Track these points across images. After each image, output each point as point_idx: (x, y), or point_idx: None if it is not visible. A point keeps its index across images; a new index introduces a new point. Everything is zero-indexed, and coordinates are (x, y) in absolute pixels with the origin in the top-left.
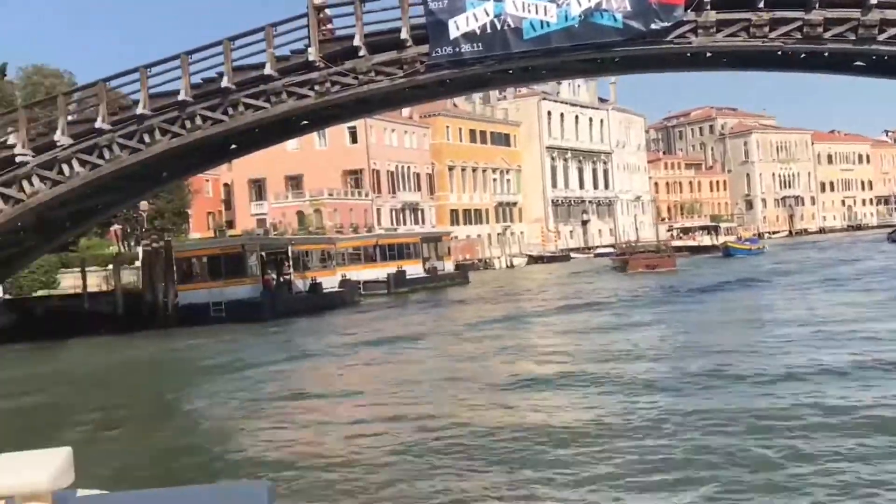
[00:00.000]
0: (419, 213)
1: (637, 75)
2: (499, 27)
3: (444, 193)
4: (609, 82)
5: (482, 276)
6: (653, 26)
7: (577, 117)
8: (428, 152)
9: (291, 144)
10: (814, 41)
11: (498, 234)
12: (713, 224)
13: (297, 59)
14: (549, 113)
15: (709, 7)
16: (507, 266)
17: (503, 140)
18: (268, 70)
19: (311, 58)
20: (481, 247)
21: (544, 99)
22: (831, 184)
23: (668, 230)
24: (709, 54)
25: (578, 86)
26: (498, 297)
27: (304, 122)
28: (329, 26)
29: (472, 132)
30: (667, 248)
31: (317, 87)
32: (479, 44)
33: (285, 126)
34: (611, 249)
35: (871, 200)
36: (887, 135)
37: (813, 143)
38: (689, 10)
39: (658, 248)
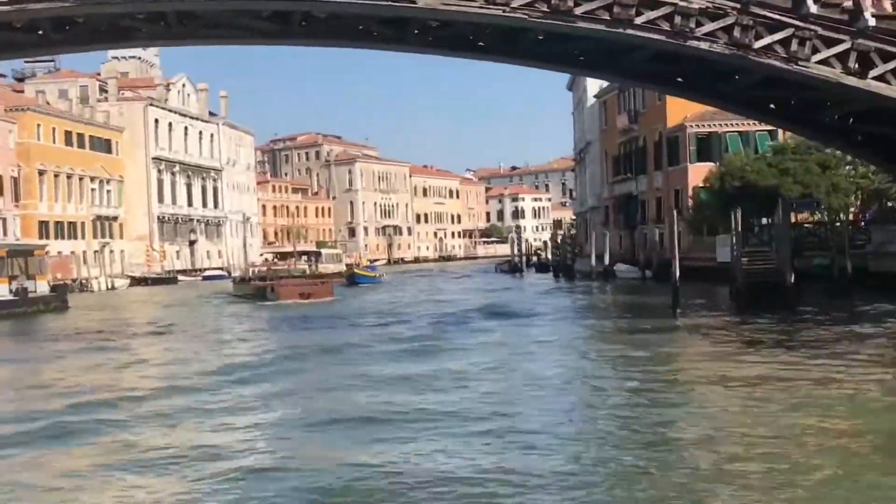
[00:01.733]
0: (1, 222)
1: (248, 89)
2: None
3: (33, 201)
4: (220, 95)
5: (81, 299)
6: None
7: (186, 129)
8: (13, 152)
9: None
10: (563, 16)
11: (95, 251)
12: (314, 250)
13: None
14: (157, 121)
15: None
16: (108, 288)
17: (104, 146)
18: None
19: None
20: (76, 265)
21: (152, 105)
22: (426, 215)
23: (261, 255)
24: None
25: (189, 95)
26: (110, 333)
27: None
28: None
29: (68, 134)
30: (322, 273)
31: None
32: None
33: None
34: (220, 272)
35: (458, 233)
36: (472, 173)
37: (410, 176)
38: None
39: (313, 273)
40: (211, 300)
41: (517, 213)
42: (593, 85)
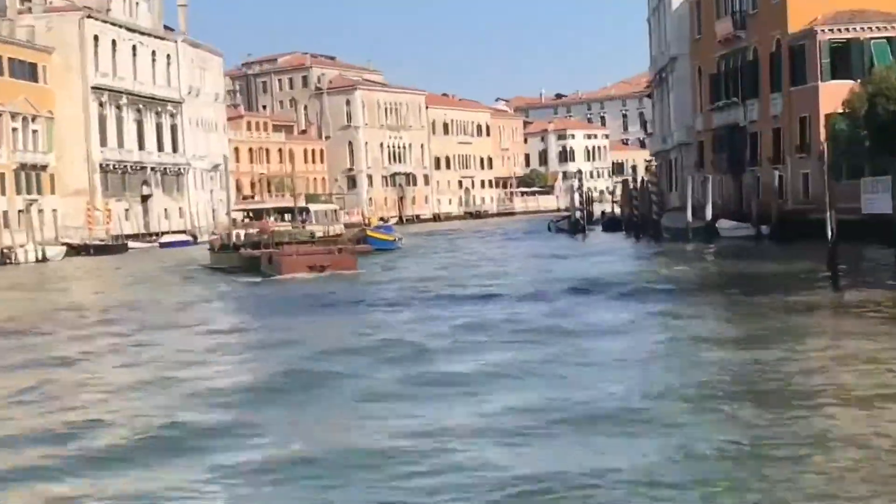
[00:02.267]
0: None
1: None
2: None
3: None
4: (178, 2)
5: (2, 274)
6: None
7: (135, 48)
8: None
9: None
10: None
11: (19, 210)
12: (299, 206)
13: None
14: (97, 38)
15: None
16: (38, 259)
17: (28, 72)
18: None
19: None
20: None
21: (90, 17)
22: (447, 159)
23: (227, 214)
24: None
25: (137, 3)
26: (40, 332)
27: None
28: None
29: None
30: (342, 237)
31: None
32: None
33: None
34: (183, 237)
35: (490, 182)
36: (505, 104)
37: (427, 108)
38: None
39: (326, 237)
40: (179, 275)
41: (565, 155)
42: None
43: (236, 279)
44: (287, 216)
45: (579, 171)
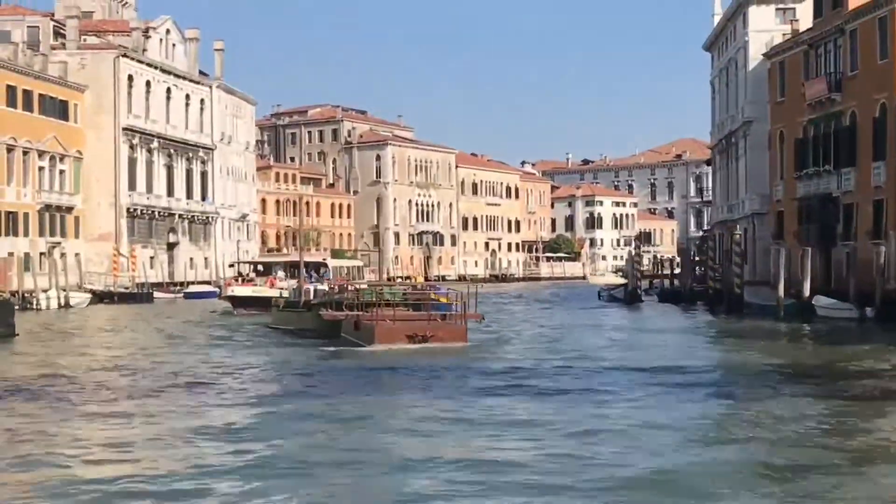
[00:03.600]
0: None
1: (244, 42)
2: None
3: None
4: (215, 48)
5: (24, 320)
6: None
7: (169, 90)
8: None
9: None
10: None
11: (42, 253)
12: (315, 261)
13: None
14: (131, 78)
15: None
16: (61, 305)
17: (59, 110)
18: None
19: None
20: (17, 271)
21: (125, 56)
22: (475, 220)
23: (231, 265)
24: None
25: (173, 45)
26: (79, 388)
27: None
28: None
29: (11, 90)
30: (432, 298)
31: None
32: None
33: None
34: (209, 287)
35: (516, 245)
36: (533, 167)
37: (457, 167)
38: None
39: (421, 297)
40: (229, 331)
41: (592, 222)
42: (757, 40)
43: (307, 344)
44: (286, 272)
45: (637, 238)
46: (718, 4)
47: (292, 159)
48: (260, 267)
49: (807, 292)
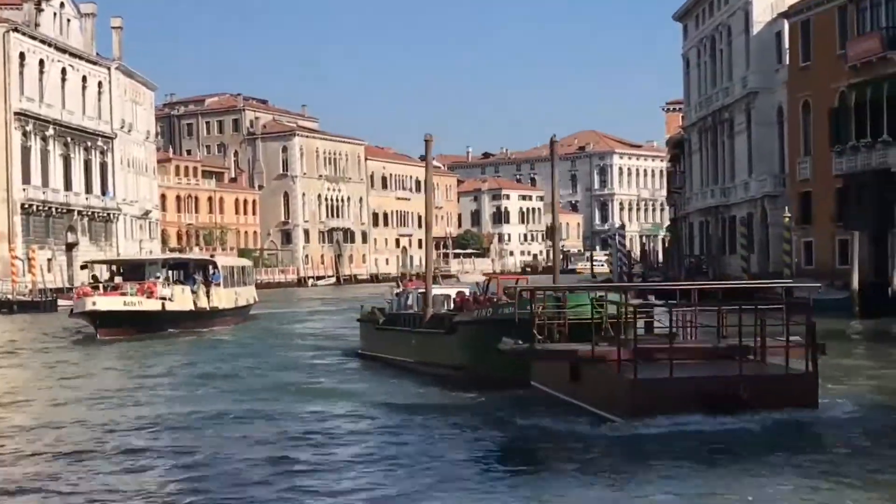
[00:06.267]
0: None
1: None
2: None
3: None
4: (113, 25)
5: None
6: None
7: (64, 71)
8: None
9: None
10: None
11: None
12: (199, 258)
13: None
14: (23, 56)
15: None
16: None
17: None
18: None
19: None
20: None
21: (15, 30)
22: (385, 215)
23: (83, 266)
24: None
25: (68, 21)
26: None
27: None
28: None
29: None
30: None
31: None
32: None
33: None
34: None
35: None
36: (434, 160)
37: (367, 159)
38: None
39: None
40: (301, 369)
41: (499, 216)
42: (762, 3)
43: (466, 405)
44: (175, 273)
45: (622, 226)
46: None
47: (189, 152)
48: (120, 269)
49: (855, 284)
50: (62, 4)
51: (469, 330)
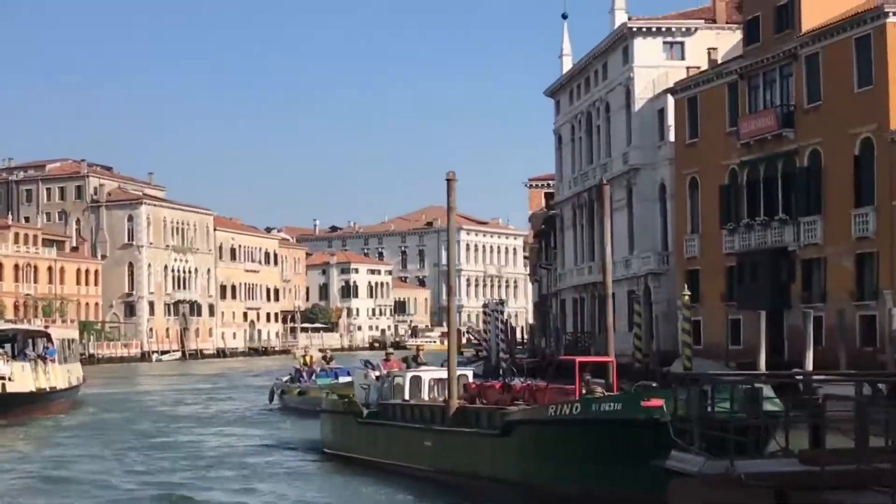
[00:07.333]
0: None
1: None
2: None
3: None
4: None
5: None
6: None
7: None
8: None
9: None
10: None
11: None
12: (32, 329)
13: None
14: None
15: None
16: None
17: None
18: None
19: None
20: None
21: None
22: (233, 288)
23: None
24: None
25: None
26: None
27: None
28: None
29: None
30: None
31: None
32: None
33: None
34: None
35: (275, 315)
36: (279, 233)
37: (216, 230)
38: None
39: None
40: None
41: (348, 290)
42: (644, 77)
43: None
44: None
45: (500, 301)
46: (568, 44)
47: (27, 219)
48: None
49: (761, 364)
50: None
51: (540, 432)
